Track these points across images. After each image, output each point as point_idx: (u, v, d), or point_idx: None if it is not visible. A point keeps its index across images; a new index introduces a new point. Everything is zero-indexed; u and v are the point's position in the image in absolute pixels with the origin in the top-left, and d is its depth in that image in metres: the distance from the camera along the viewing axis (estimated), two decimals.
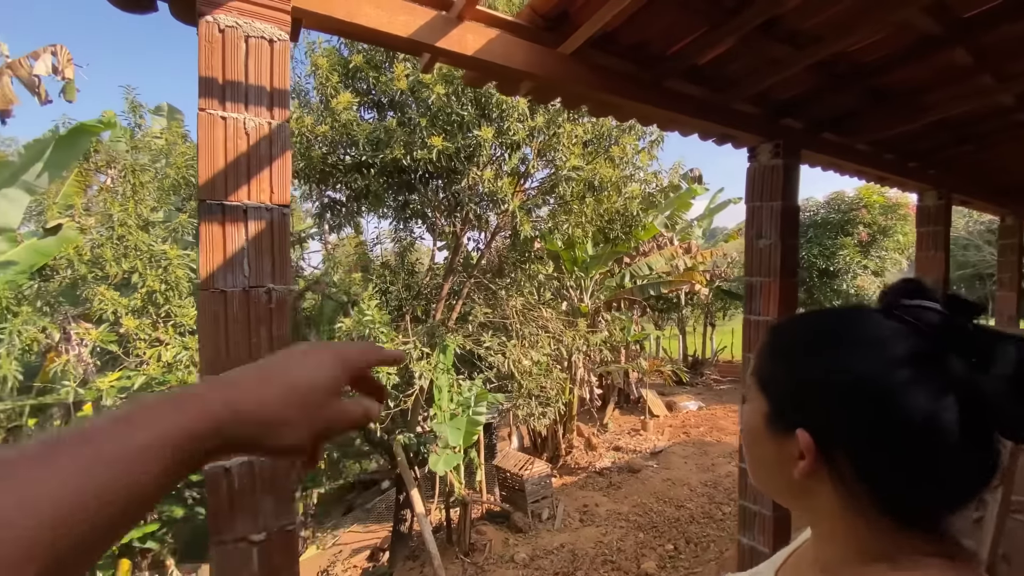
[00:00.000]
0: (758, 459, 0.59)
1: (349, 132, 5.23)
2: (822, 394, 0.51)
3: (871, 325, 0.52)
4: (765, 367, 0.58)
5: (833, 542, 0.54)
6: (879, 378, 0.48)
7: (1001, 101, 2.53)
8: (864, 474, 0.49)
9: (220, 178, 1.18)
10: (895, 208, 12.19)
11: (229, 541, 1.22)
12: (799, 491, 0.55)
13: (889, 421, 0.47)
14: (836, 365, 0.51)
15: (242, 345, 1.22)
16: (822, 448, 0.51)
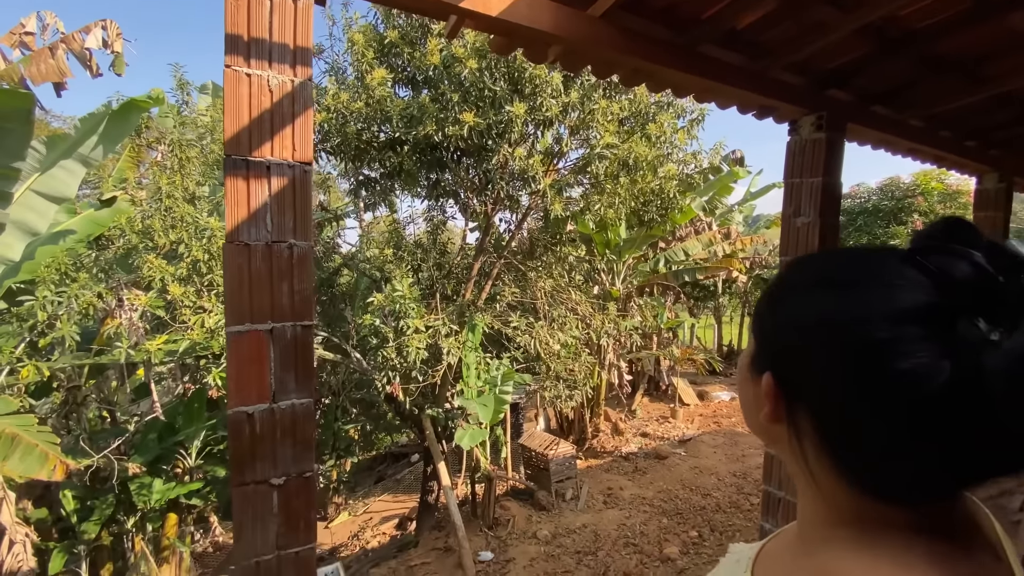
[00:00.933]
0: (741, 398, 0.57)
1: (383, 108, 5.28)
2: (797, 338, 0.46)
3: (882, 271, 0.43)
4: (759, 305, 0.55)
5: (804, 499, 0.50)
6: (860, 329, 0.41)
7: None
8: (824, 436, 0.44)
9: (244, 134, 1.21)
10: (955, 196, 11.42)
11: (249, 483, 1.29)
12: (771, 437, 0.51)
13: (862, 382, 0.40)
14: (820, 310, 0.45)
15: (264, 298, 1.27)
16: (786, 398, 0.47)
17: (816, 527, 0.48)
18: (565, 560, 6.27)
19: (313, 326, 1.35)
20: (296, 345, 1.31)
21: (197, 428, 7.25)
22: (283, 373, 1.29)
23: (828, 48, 2.13)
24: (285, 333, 1.29)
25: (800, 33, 2.02)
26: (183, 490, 6.76)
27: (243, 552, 1.28)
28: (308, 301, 1.32)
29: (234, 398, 1.25)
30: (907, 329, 0.39)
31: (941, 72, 2.42)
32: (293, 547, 1.33)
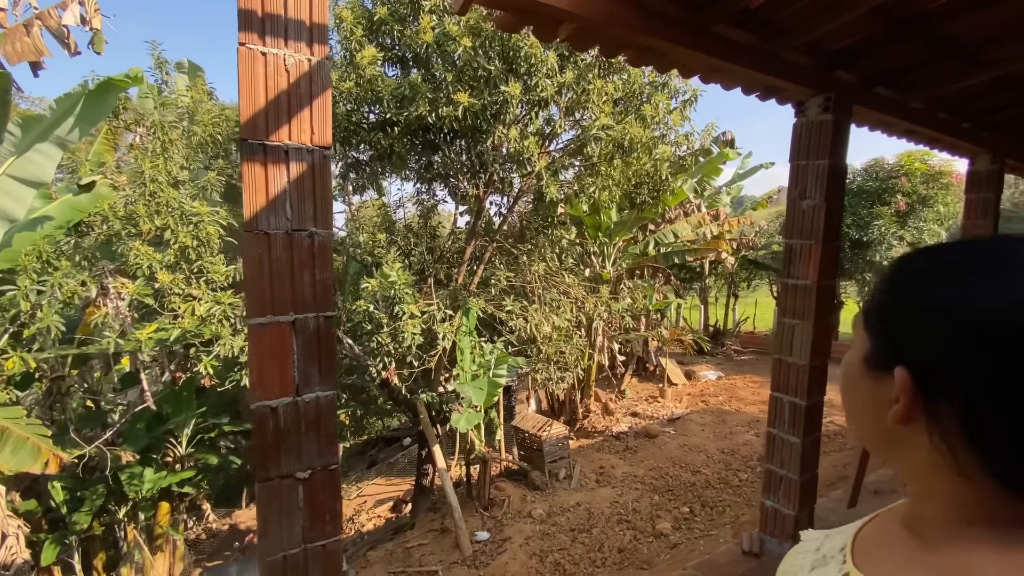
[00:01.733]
0: (852, 402, 0.54)
1: (374, 88, 5.14)
2: (932, 328, 0.44)
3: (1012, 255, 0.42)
4: (875, 298, 0.52)
5: (926, 499, 0.48)
6: (1010, 314, 0.39)
7: None
8: (972, 430, 0.42)
9: (261, 117, 1.15)
10: (938, 177, 11.61)
11: (275, 478, 1.26)
12: (894, 440, 0.49)
13: (1013, 367, 0.39)
14: (959, 296, 0.43)
15: (286, 289, 1.22)
16: (925, 392, 0.44)
17: (939, 526, 0.47)
18: (560, 538, 6.39)
19: (334, 316, 1.31)
20: (319, 337, 1.27)
21: (187, 416, 7.16)
22: (306, 366, 1.26)
23: (839, 28, 2.11)
24: (308, 325, 1.25)
25: (814, 12, 2.00)
26: (175, 478, 6.70)
27: (269, 547, 1.26)
28: (329, 291, 1.28)
29: (257, 392, 1.21)
30: None
31: (945, 54, 2.43)
32: (319, 540, 1.32)
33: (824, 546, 0.61)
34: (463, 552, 6.31)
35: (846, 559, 0.54)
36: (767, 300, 18.63)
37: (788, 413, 2.64)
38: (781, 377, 2.68)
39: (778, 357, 2.70)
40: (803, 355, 2.58)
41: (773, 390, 2.71)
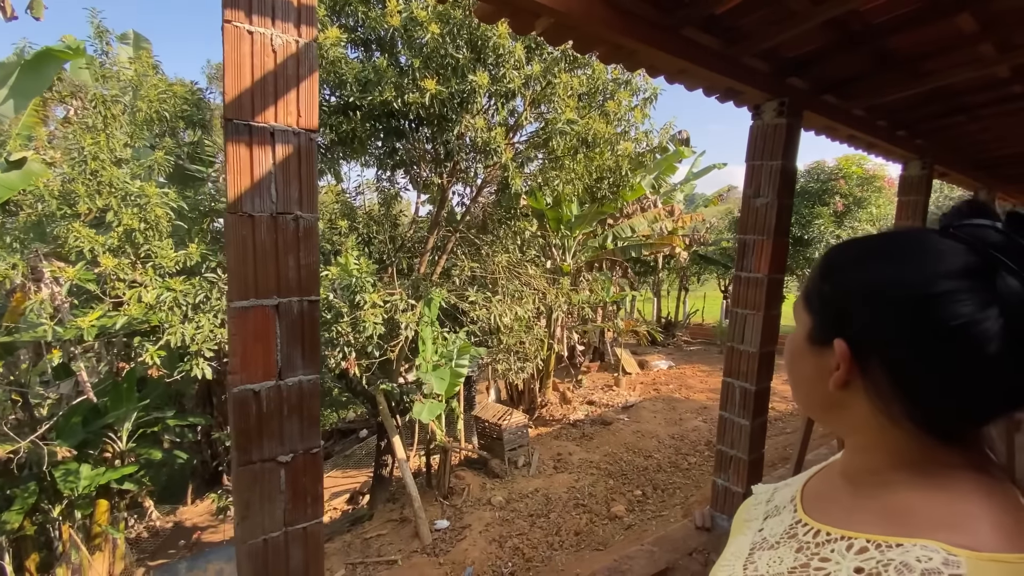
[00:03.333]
0: (797, 376, 0.61)
1: (336, 71, 4.99)
2: (863, 303, 0.52)
3: (926, 242, 0.51)
4: (812, 285, 0.59)
5: (864, 452, 0.56)
6: (922, 287, 0.48)
7: (997, 72, 2.58)
8: (898, 382, 0.50)
9: (247, 96, 1.13)
10: (872, 180, 12.48)
11: (256, 461, 1.26)
12: (834, 404, 0.56)
13: (928, 329, 0.47)
14: (881, 276, 0.51)
15: (270, 272, 1.21)
16: (858, 358, 0.52)
17: (874, 472, 0.54)
18: (519, 523, 6.53)
19: (319, 301, 1.31)
20: (303, 321, 1.27)
21: (128, 410, 6.79)
22: (290, 349, 1.26)
23: (794, 38, 2.26)
24: (292, 308, 1.25)
25: (774, 21, 2.13)
26: (114, 475, 6.36)
27: (250, 531, 1.26)
28: (314, 275, 1.28)
29: (239, 375, 1.20)
30: (959, 283, 0.46)
31: (886, 66, 2.63)
32: (301, 523, 1.32)
33: (775, 497, 0.69)
34: (423, 541, 6.34)
35: (797, 508, 0.62)
36: (715, 294, 19.51)
37: (739, 397, 2.82)
38: (733, 364, 2.86)
39: (731, 345, 2.87)
40: (754, 343, 2.76)
41: (725, 376, 2.89)
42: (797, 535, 0.58)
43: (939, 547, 0.43)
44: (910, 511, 0.49)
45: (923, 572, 0.42)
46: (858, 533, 0.51)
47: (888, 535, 0.48)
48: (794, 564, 0.54)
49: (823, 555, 0.52)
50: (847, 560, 0.49)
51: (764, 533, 0.64)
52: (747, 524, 0.69)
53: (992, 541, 0.43)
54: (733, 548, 0.66)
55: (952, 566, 0.42)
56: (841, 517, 0.55)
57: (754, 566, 0.59)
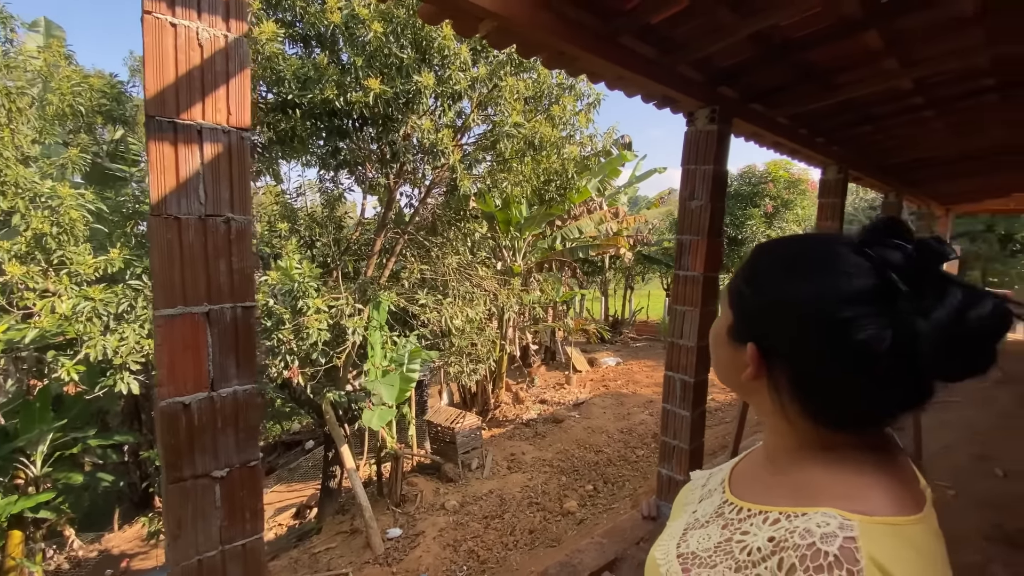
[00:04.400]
0: (719, 360, 0.68)
1: (273, 66, 4.79)
2: (775, 316, 0.58)
3: (837, 259, 0.55)
4: (736, 285, 0.65)
5: (775, 434, 0.63)
6: (826, 310, 0.52)
7: (901, 86, 2.85)
8: (797, 387, 0.56)
9: (171, 92, 1.07)
10: (797, 183, 13.39)
11: (188, 478, 1.19)
12: (748, 390, 0.63)
13: (824, 347, 0.52)
14: (792, 292, 0.56)
15: (199, 278, 1.15)
16: (766, 360, 0.58)
17: (785, 452, 0.61)
18: (473, 526, 6.51)
19: (254, 307, 1.26)
20: (237, 328, 1.21)
21: (41, 431, 6.20)
22: (223, 358, 1.20)
23: (724, 49, 2.39)
24: (224, 315, 1.19)
25: (704, 33, 2.24)
26: (28, 503, 5.79)
27: (183, 551, 1.19)
28: (249, 280, 1.23)
29: (167, 388, 1.13)
30: (860, 308, 0.51)
31: (805, 78, 2.84)
32: (239, 540, 1.26)
33: (709, 482, 0.76)
34: (374, 551, 6.19)
35: (725, 490, 0.68)
36: (659, 292, 20.27)
37: (679, 390, 2.95)
38: (674, 358, 2.99)
39: (671, 340, 3.00)
40: (692, 338, 2.90)
41: (667, 370, 3.01)
42: (724, 513, 0.64)
43: (836, 513, 0.49)
44: (815, 485, 0.55)
45: (822, 535, 0.48)
46: (773, 507, 0.56)
47: (796, 506, 0.53)
48: (720, 539, 0.59)
49: (744, 528, 0.58)
50: (763, 531, 0.54)
51: (697, 514, 0.69)
52: (684, 508, 0.75)
53: (882, 507, 0.49)
54: (670, 530, 0.71)
55: (846, 528, 0.47)
56: (761, 494, 0.61)
57: (686, 544, 0.64)
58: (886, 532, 0.48)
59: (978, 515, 3.27)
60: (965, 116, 3.61)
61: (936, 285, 0.50)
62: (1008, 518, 3.21)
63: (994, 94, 3.08)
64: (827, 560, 0.46)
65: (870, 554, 0.45)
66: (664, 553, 0.65)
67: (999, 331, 0.49)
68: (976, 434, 4.73)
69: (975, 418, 5.15)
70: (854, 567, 0.45)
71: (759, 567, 0.51)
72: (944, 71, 2.73)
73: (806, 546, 0.48)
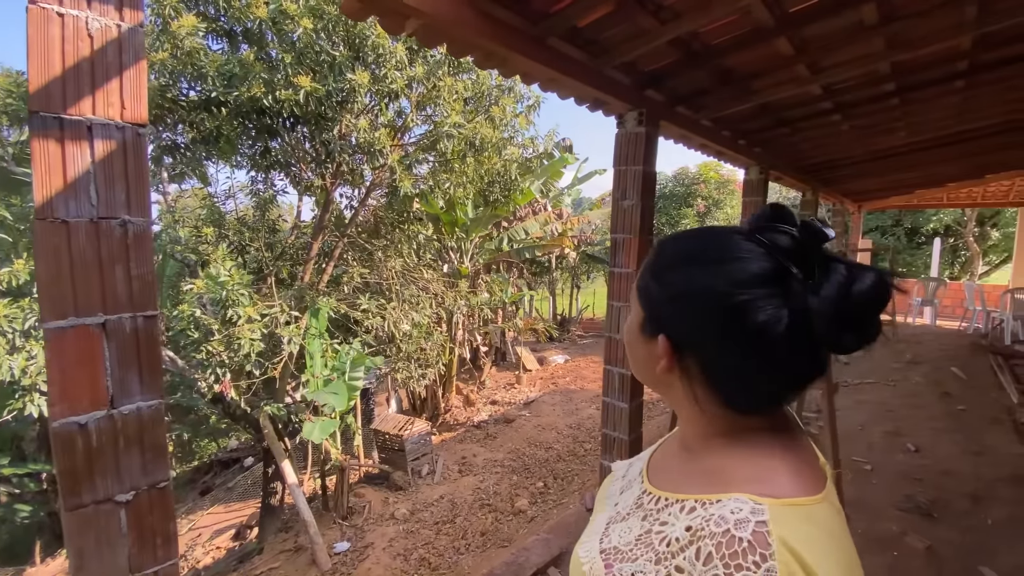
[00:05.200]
0: (633, 357, 0.69)
1: (195, 62, 4.50)
2: (679, 306, 0.60)
3: (730, 246, 0.58)
4: (643, 281, 0.66)
5: (689, 423, 0.65)
6: (725, 297, 0.54)
7: (811, 91, 3.07)
8: (705, 374, 0.59)
9: (56, 87, 0.98)
10: (726, 184, 14.17)
11: (88, 504, 1.09)
12: (663, 383, 0.65)
13: (729, 332, 0.55)
14: (692, 282, 0.59)
15: (93, 286, 1.06)
16: (676, 351, 0.60)
17: (698, 440, 0.63)
18: (424, 533, 6.41)
19: (157, 316, 1.17)
20: (138, 340, 1.12)
21: None
22: (123, 373, 1.11)
23: (648, 54, 2.49)
24: (123, 326, 1.10)
25: (629, 37, 2.32)
26: None
27: None
28: (150, 287, 1.14)
29: (59, 407, 1.04)
30: (756, 291, 0.54)
31: (725, 83, 3.01)
32: (150, 567, 1.17)
33: (628, 472, 0.77)
34: (321, 567, 5.95)
35: (644, 479, 0.70)
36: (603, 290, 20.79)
37: (618, 383, 3.04)
38: (611, 352, 3.08)
39: (609, 335, 3.09)
40: None
41: (606, 364, 3.10)
42: (643, 504, 0.64)
43: (747, 498, 0.51)
44: (725, 470, 0.57)
45: (735, 521, 0.49)
46: (688, 495, 0.58)
47: (710, 493, 0.55)
48: (640, 531, 0.60)
49: (662, 519, 0.59)
50: (680, 520, 0.55)
51: (619, 507, 0.70)
52: (607, 500, 0.75)
53: (789, 489, 0.52)
54: (593, 526, 0.71)
55: (758, 513, 0.49)
56: (678, 482, 0.63)
57: (608, 539, 0.64)
58: (793, 513, 0.50)
59: (893, 488, 3.56)
60: (870, 119, 3.95)
61: (822, 263, 0.54)
62: (920, 490, 3.51)
63: (895, 98, 3.38)
64: (741, 547, 0.48)
65: (780, 536, 0.47)
66: (587, 551, 0.65)
67: (881, 301, 0.52)
68: (888, 412, 5.17)
69: (887, 397, 5.63)
70: (766, 551, 0.47)
71: (678, 557, 0.52)
72: (849, 77, 2.98)
73: (721, 533, 0.49)
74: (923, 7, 2.28)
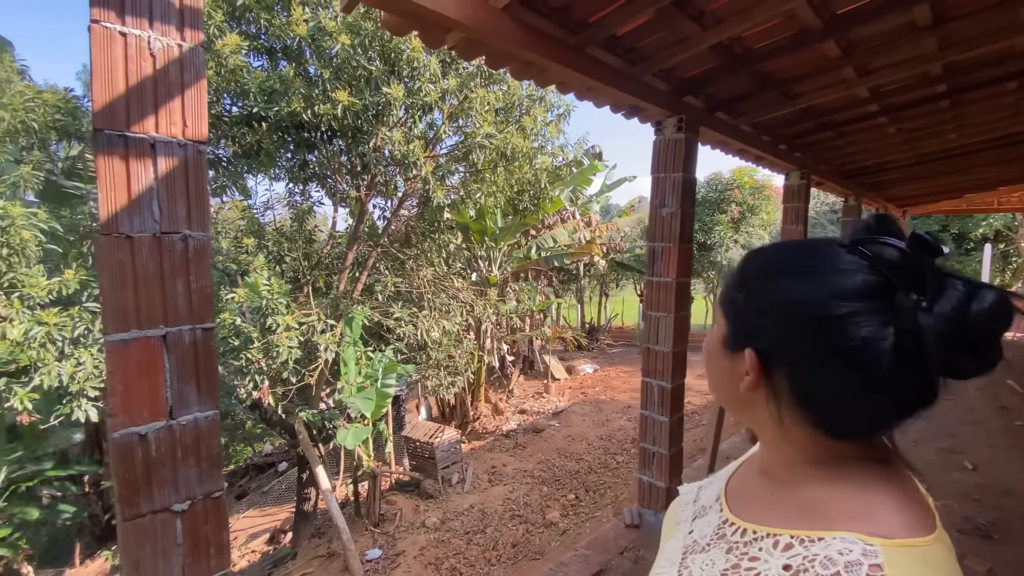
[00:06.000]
0: (714, 375, 0.64)
1: (238, 79, 4.68)
2: (770, 319, 0.54)
3: (830, 258, 0.52)
4: (728, 294, 0.62)
5: (774, 448, 0.59)
6: (823, 307, 0.49)
7: (857, 93, 2.96)
8: (797, 393, 0.53)
9: (120, 104, 1.02)
10: (761, 189, 13.81)
11: (146, 513, 1.11)
12: (746, 404, 0.59)
13: (827, 349, 0.49)
14: (787, 293, 0.53)
15: (155, 299, 1.09)
16: (765, 366, 0.55)
17: (783, 468, 0.58)
18: (455, 543, 6.39)
19: (214, 328, 1.20)
20: (197, 351, 1.15)
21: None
22: (182, 384, 1.13)
23: (687, 60, 2.44)
24: (183, 338, 1.13)
25: (669, 44, 2.29)
26: None
27: None
28: (208, 300, 1.17)
29: (120, 418, 1.06)
30: (858, 304, 0.48)
31: (766, 87, 2.93)
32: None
33: (700, 497, 0.72)
34: (353, 574, 5.99)
35: (723, 507, 0.64)
36: (632, 298, 20.54)
37: (657, 395, 2.96)
38: (650, 364, 3.00)
39: (647, 346, 3.02)
40: (667, 343, 2.92)
41: (644, 376, 3.02)
42: (726, 535, 0.59)
43: (856, 538, 0.46)
44: (823, 504, 0.52)
45: (846, 564, 0.44)
46: (782, 529, 0.52)
47: (809, 529, 0.50)
48: (726, 566, 0.55)
49: (752, 554, 0.53)
50: (775, 558, 0.50)
51: (695, 535, 0.65)
52: (677, 527, 0.70)
53: (899, 528, 0.47)
54: (667, 554, 0.66)
55: (871, 556, 0.44)
56: (764, 513, 0.57)
57: (687, 570, 0.59)
58: (908, 556, 0.45)
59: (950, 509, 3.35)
60: (919, 122, 3.78)
61: (935, 279, 0.48)
62: (979, 510, 3.30)
63: (946, 100, 3.23)
64: None
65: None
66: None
67: (1004, 322, 0.46)
68: (944, 428, 4.88)
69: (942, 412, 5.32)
70: None
71: None
72: (898, 79, 2.86)
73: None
74: (977, 7, 2.17)
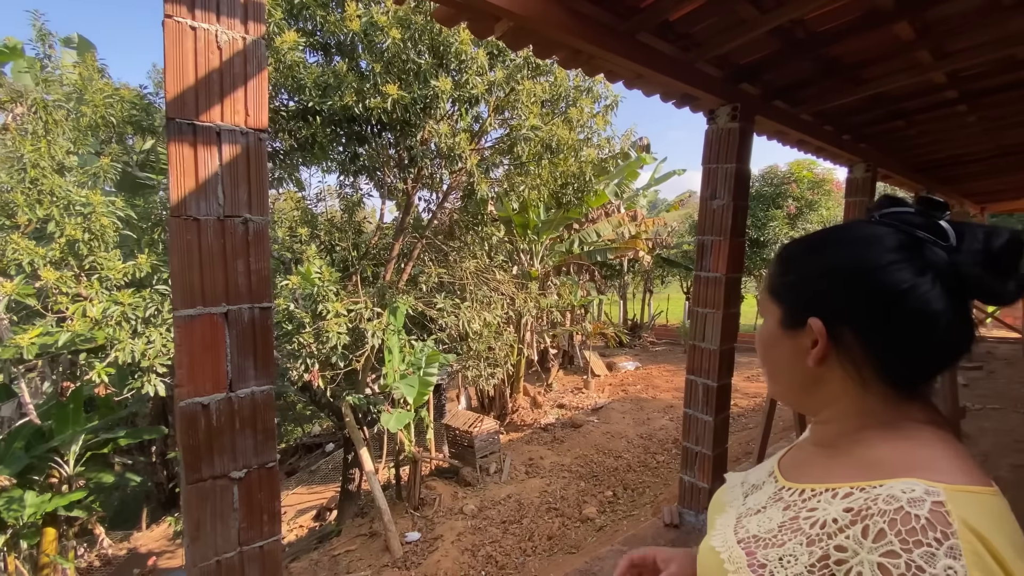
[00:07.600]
0: (774, 363, 0.66)
1: (295, 75, 4.88)
2: (826, 283, 0.59)
3: (865, 228, 0.59)
4: (775, 279, 0.65)
5: (838, 420, 0.61)
6: (871, 261, 0.56)
7: (933, 79, 2.74)
8: (868, 345, 0.57)
9: (190, 94, 1.09)
10: (821, 184, 13.07)
11: (207, 478, 1.19)
12: (813, 381, 0.61)
13: (883, 294, 0.55)
14: (835, 257, 0.59)
15: (218, 278, 1.16)
16: (831, 331, 0.58)
17: (847, 436, 0.60)
18: (491, 531, 6.47)
19: (272, 307, 1.26)
20: (255, 329, 1.22)
21: (74, 432, 6.40)
22: (241, 359, 1.20)
23: (744, 45, 2.34)
24: (242, 316, 1.19)
25: (724, 28, 2.20)
26: (61, 501, 5.97)
27: (201, 552, 1.19)
28: (266, 281, 1.24)
29: (186, 388, 1.14)
30: (900, 255, 0.55)
31: (829, 73, 2.76)
32: (256, 541, 1.26)
33: (749, 478, 0.72)
34: (393, 554, 6.20)
35: (777, 478, 0.65)
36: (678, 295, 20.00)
37: (702, 394, 2.88)
38: (695, 361, 2.92)
39: (692, 343, 2.93)
40: (714, 341, 2.83)
41: (689, 373, 2.95)
42: (783, 498, 0.61)
43: (919, 482, 0.48)
44: (885, 460, 0.54)
45: (909, 500, 0.47)
46: (841, 483, 0.55)
47: (870, 480, 0.52)
48: (784, 519, 0.57)
49: (810, 506, 0.56)
50: (835, 504, 0.53)
51: (748, 504, 0.66)
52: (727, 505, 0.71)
53: (960, 477, 0.49)
54: (721, 521, 0.67)
55: (933, 494, 0.46)
56: (822, 475, 0.59)
57: (744, 529, 0.61)
58: (970, 498, 0.47)
59: None
60: (1003, 110, 3.47)
61: (954, 229, 0.56)
62: None
63: None
64: (919, 523, 0.45)
65: (962, 517, 0.45)
66: (723, 541, 0.62)
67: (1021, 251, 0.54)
68: (1017, 442, 4.51)
69: (1016, 425, 4.91)
70: (948, 529, 0.44)
71: (837, 537, 0.50)
72: (980, 62, 2.63)
73: (893, 511, 0.46)
74: None
